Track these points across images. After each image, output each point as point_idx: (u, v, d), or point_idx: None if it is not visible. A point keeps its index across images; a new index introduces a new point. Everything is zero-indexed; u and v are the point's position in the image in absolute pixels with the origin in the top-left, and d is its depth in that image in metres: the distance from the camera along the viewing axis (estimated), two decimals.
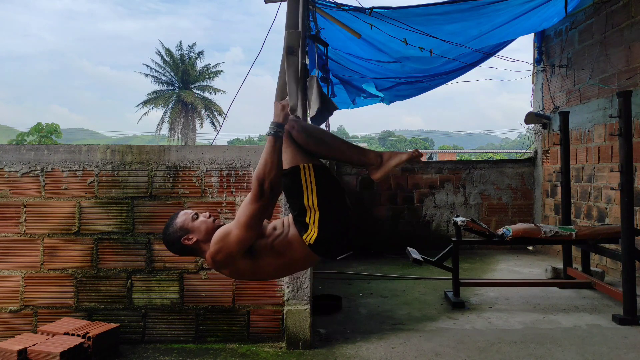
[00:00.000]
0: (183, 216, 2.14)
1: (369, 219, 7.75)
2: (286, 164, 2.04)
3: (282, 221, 2.18)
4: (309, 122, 3.94)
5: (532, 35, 7.62)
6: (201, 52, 46.28)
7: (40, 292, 3.74)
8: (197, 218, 2.14)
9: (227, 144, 32.67)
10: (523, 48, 8.70)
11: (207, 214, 2.16)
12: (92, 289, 3.74)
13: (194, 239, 2.10)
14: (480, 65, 6.67)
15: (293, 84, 2.03)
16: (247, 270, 2.12)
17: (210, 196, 3.77)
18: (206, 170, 3.78)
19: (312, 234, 2.03)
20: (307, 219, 2.03)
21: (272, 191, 1.99)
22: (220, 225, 2.11)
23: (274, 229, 2.15)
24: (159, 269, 3.75)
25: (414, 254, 4.83)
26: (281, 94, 2.16)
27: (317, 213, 2.02)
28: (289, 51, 2.11)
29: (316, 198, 2.02)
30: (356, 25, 5.26)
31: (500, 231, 4.88)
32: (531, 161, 7.89)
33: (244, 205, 2.01)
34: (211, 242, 2.05)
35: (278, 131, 2.01)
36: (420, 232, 7.80)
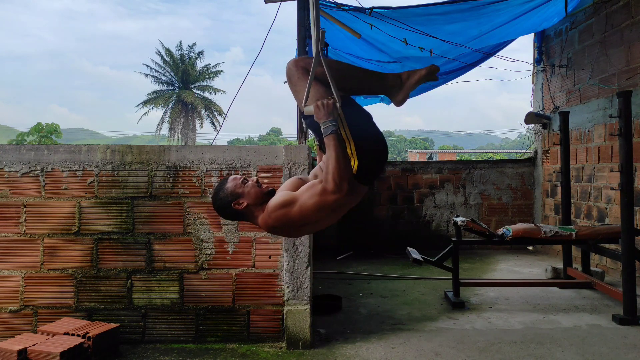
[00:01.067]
0: (232, 181, 2.12)
1: (369, 219, 7.75)
2: (310, 102, 2.05)
3: (318, 168, 2.21)
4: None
5: (532, 35, 7.62)
6: (201, 52, 46.38)
7: (40, 292, 3.74)
8: (247, 183, 2.13)
9: (227, 144, 32.67)
10: (523, 48, 8.71)
11: (255, 178, 2.16)
12: (92, 289, 3.75)
13: (245, 204, 2.08)
14: (480, 65, 6.68)
15: (333, 81, 2.06)
16: (308, 230, 2.16)
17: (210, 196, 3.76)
18: (206, 170, 3.78)
19: (353, 165, 2.03)
20: None
21: (350, 187, 1.97)
22: (270, 190, 2.11)
23: (315, 177, 2.16)
24: (159, 269, 3.75)
25: (414, 254, 4.82)
26: (311, 93, 2.16)
27: (352, 142, 2.03)
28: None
29: (348, 128, 2.04)
30: (356, 25, 5.27)
31: (500, 231, 4.88)
32: (531, 161, 7.89)
33: (314, 194, 1.98)
34: (268, 209, 2.04)
35: (337, 127, 2.00)
36: (420, 232, 7.80)
